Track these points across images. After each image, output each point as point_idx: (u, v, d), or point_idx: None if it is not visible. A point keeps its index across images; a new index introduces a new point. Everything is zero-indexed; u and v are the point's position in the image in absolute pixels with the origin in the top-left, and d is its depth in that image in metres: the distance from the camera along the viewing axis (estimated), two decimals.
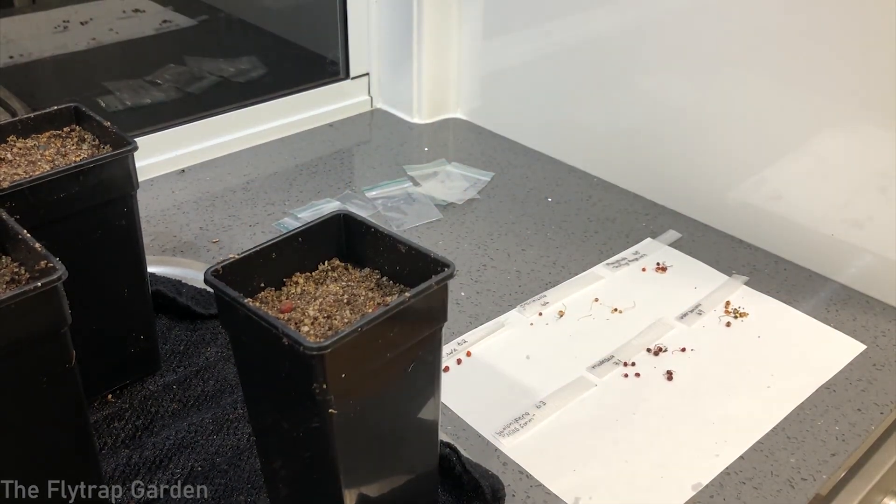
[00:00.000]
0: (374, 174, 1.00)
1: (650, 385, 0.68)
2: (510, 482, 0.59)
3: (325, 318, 0.44)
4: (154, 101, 1.08)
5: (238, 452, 0.60)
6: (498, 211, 0.93)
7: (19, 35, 1.08)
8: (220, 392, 0.65)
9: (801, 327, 0.75)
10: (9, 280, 0.44)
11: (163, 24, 1.20)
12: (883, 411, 0.66)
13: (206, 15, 1.26)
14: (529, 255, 0.85)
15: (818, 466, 0.61)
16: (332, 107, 1.15)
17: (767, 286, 0.81)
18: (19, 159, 0.57)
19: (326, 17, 1.15)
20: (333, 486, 0.45)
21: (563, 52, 1.00)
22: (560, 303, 0.78)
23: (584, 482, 0.59)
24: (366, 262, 0.50)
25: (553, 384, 0.68)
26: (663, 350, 0.72)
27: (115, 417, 0.63)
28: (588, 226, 0.91)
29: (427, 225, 0.90)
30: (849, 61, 0.74)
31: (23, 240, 0.45)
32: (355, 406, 0.43)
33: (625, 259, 0.85)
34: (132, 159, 0.58)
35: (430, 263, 0.46)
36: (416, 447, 0.51)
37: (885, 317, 0.77)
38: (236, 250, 0.58)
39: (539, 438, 0.63)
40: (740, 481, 0.59)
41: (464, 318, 0.75)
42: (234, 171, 1.01)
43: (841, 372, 0.70)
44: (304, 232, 0.49)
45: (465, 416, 0.65)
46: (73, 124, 0.62)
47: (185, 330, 0.72)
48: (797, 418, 0.65)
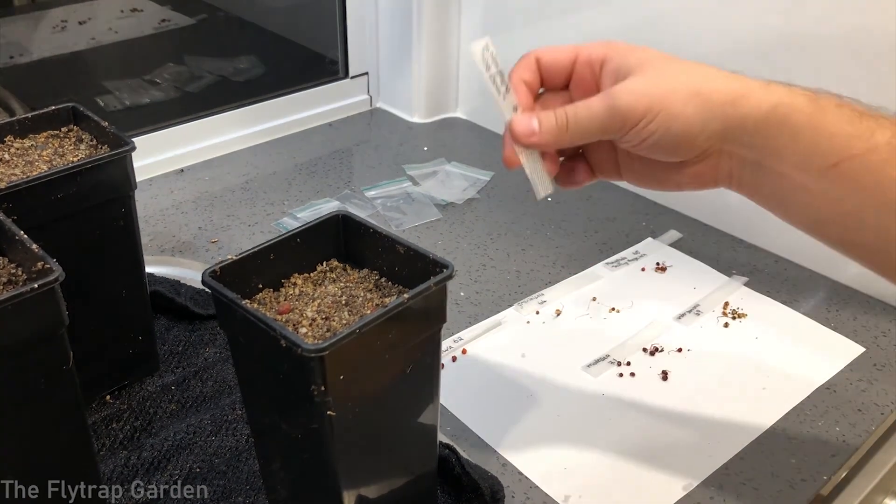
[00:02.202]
0: (373, 174, 1.00)
1: (645, 385, 0.68)
2: (510, 483, 0.59)
3: (323, 320, 0.44)
4: (153, 101, 1.08)
5: (237, 453, 0.60)
6: (497, 211, 0.93)
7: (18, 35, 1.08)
8: (219, 393, 0.65)
9: (800, 328, 0.75)
10: (6, 281, 0.44)
11: (161, 23, 1.20)
12: (884, 412, 0.66)
13: (204, 14, 1.26)
14: (529, 255, 0.85)
15: (818, 467, 0.61)
16: (331, 106, 1.15)
17: (768, 286, 0.80)
18: (16, 159, 0.57)
19: (326, 16, 1.15)
20: (332, 488, 0.45)
21: None
22: (557, 302, 0.78)
23: (575, 481, 0.59)
24: (364, 262, 0.50)
25: (548, 383, 0.68)
26: (659, 350, 0.72)
27: (114, 418, 0.62)
28: (588, 225, 0.91)
29: (426, 225, 0.90)
30: (849, 61, 0.74)
31: (20, 241, 0.45)
32: (354, 408, 0.43)
33: (624, 259, 0.84)
34: (130, 159, 0.58)
35: (430, 264, 0.45)
36: (415, 448, 0.51)
37: (885, 317, 0.77)
38: (235, 250, 0.57)
39: (531, 436, 0.63)
40: (740, 482, 0.59)
41: (463, 319, 0.75)
42: (233, 171, 1.00)
43: (841, 372, 0.70)
44: (302, 233, 0.48)
45: (459, 414, 0.64)
46: (70, 124, 0.62)
47: (183, 330, 0.71)
48: (797, 419, 0.65)
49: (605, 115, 0.45)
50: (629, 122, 0.45)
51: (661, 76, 0.45)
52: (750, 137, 0.45)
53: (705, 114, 0.45)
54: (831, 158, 0.43)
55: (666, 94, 0.44)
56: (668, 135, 0.45)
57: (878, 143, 0.43)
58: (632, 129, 0.45)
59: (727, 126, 0.45)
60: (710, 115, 0.45)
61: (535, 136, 0.47)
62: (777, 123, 0.44)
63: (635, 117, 0.45)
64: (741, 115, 0.44)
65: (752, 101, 0.44)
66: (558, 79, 0.50)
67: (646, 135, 0.45)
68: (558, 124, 0.47)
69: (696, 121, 0.45)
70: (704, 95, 0.45)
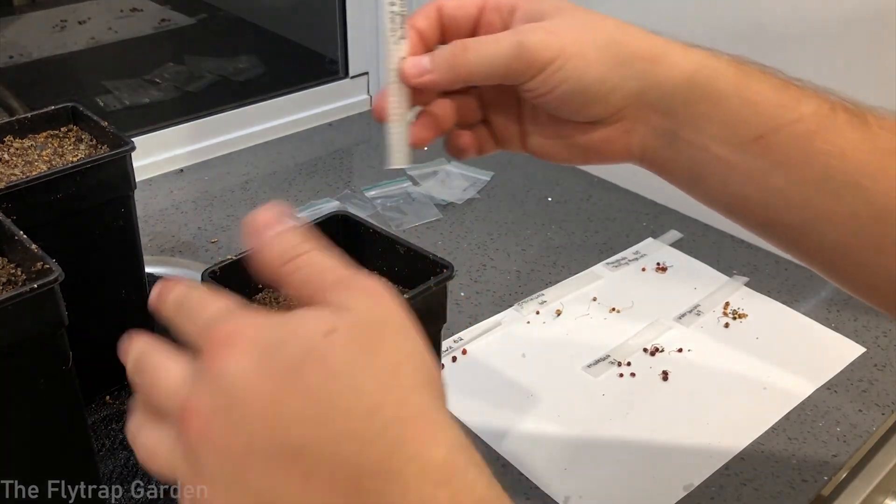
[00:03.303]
0: (373, 173, 1.00)
1: (645, 385, 0.68)
2: (510, 483, 0.59)
3: None
4: (152, 101, 1.08)
5: None
6: (497, 211, 0.93)
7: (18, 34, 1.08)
8: None
9: (801, 329, 0.75)
10: (5, 281, 0.44)
11: (161, 22, 1.20)
12: (884, 412, 0.66)
13: (204, 14, 1.26)
14: (529, 255, 0.85)
15: (819, 468, 0.61)
16: (331, 106, 1.14)
17: (768, 286, 0.80)
18: (16, 159, 0.57)
19: (325, 15, 1.15)
20: None
21: None
22: (558, 302, 0.78)
23: (575, 481, 0.59)
24: (365, 263, 0.50)
25: (548, 383, 0.68)
26: (660, 350, 0.72)
27: (114, 418, 0.62)
28: (588, 225, 0.91)
29: (426, 225, 0.90)
30: (850, 62, 0.74)
31: (19, 241, 0.45)
32: None
33: (625, 259, 0.84)
34: (130, 159, 0.58)
35: (430, 264, 0.45)
36: None
37: (885, 317, 0.77)
38: (235, 250, 0.57)
39: (531, 436, 0.63)
40: (741, 482, 0.59)
41: (463, 319, 0.75)
42: (233, 171, 1.00)
43: (841, 373, 0.70)
44: None
45: (459, 413, 0.64)
46: (70, 124, 0.62)
47: None
48: (798, 419, 0.65)
49: (511, 52, 0.40)
50: (537, 63, 0.40)
51: (577, 21, 0.41)
52: (668, 102, 0.41)
53: (622, 68, 0.41)
54: (756, 129, 0.40)
55: (580, 38, 0.40)
56: (580, 85, 0.40)
57: (805, 114, 0.40)
58: (539, 73, 0.40)
59: (645, 85, 0.41)
60: (628, 70, 0.41)
61: (427, 73, 0.42)
62: (699, 88, 0.41)
63: (544, 59, 0.40)
64: (661, 77, 0.41)
65: (673, 61, 0.41)
66: (463, 29, 0.44)
67: (555, 83, 0.40)
68: (452, 53, 0.41)
69: (612, 74, 0.41)
70: (623, 45, 0.41)
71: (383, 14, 0.42)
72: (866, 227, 0.40)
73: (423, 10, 0.44)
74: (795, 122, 0.40)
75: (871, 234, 0.40)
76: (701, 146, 0.42)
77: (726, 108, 0.41)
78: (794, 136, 0.40)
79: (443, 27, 0.44)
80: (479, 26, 0.44)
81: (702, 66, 0.41)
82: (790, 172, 0.40)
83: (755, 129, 0.40)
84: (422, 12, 0.43)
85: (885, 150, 0.39)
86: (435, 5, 0.43)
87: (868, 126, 0.40)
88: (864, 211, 0.40)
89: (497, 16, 0.43)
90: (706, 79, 0.41)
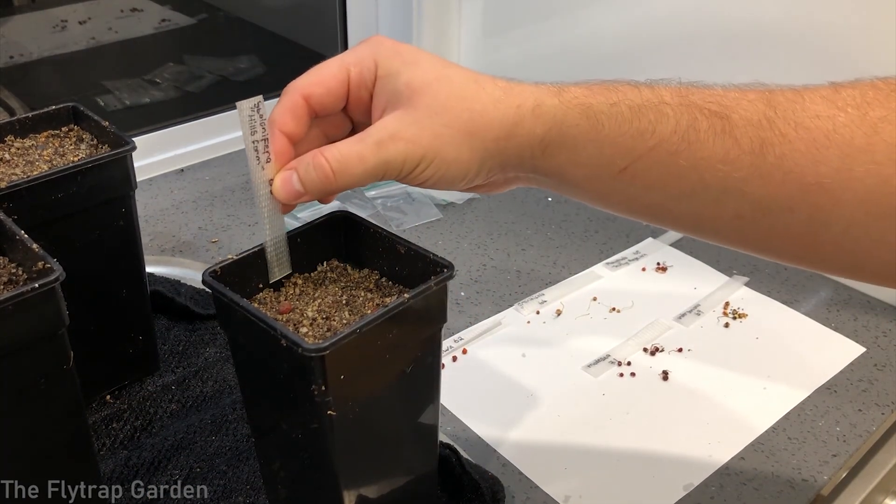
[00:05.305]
0: None
1: (645, 385, 0.68)
2: (510, 483, 0.59)
3: (323, 320, 0.44)
4: (153, 101, 1.08)
5: (237, 453, 0.60)
6: (498, 211, 0.93)
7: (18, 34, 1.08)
8: (219, 393, 0.65)
9: (801, 328, 0.75)
10: (6, 281, 0.44)
11: (161, 22, 1.20)
12: (884, 412, 0.66)
13: (205, 14, 1.26)
14: (529, 255, 0.85)
15: (819, 467, 0.61)
16: None
17: (768, 286, 0.80)
18: (17, 159, 0.57)
19: (326, 15, 1.15)
20: (332, 488, 0.45)
21: (564, 51, 1.00)
22: (558, 301, 0.78)
23: (575, 481, 0.59)
24: (365, 262, 0.50)
25: (548, 383, 0.68)
26: (660, 350, 0.72)
27: (114, 418, 0.62)
28: (588, 225, 0.91)
29: (427, 224, 0.90)
30: (850, 62, 0.74)
31: (20, 240, 0.45)
32: (354, 407, 0.43)
33: (625, 259, 0.84)
34: (130, 159, 0.58)
35: (430, 264, 0.45)
36: (416, 448, 0.51)
37: (885, 317, 0.77)
38: (235, 250, 0.57)
39: (531, 436, 0.63)
40: (741, 482, 0.59)
41: (463, 319, 0.75)
42: (234, 171, 1.00)
43: (841, 372, 0.70)
44: (302, 232, 0.48)
45: (459, 414, 0.64)
46: (71, 124, 0.62)
47: (183, 330, 0.71)
48: (798, 419, 0.65)
49: (378, 171, 0.43)
50: (403, 171, 0.43)
51: (431, 114, 0.43)
52: (531, 163, 0.44)
53: (482, 153, 0.43)
54: (618, 164, 0.42)
55: (438, 138, 0.42)
56: (447, 175, 0.44)
57: (664, 135, 0.41)
58: (406, 176, 0.44)
59: (505, 159, 0.44)
60: (486, 154, 0.43)
61: (302, 195, 0.44)
62: (554, 145, 0.43)
63: (408, 167, 0.43)
64: (517, 146, 0.43)
65: (525, 130, 0.43)
66: (334, 108, 0.46)
67: (422, 179, 0.44)
68: (322, 178, 0.43)
69: (473, 162, 0.43)
70: (479, 135, 0.43)
71: (245, 143, 0.42)
72: (756, 220, 0.41)
73: (288, 105, 0.44)
74: (655, 147, 0.41)
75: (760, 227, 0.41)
76: (574, 183, 0.45)
77: (584, 155, 0.43)
78: (657, 161, 0.42)
79: (314, 113, 0.45)
80: (350, 101, 0.46)
81: (552, 124, 0.43)
82: (665, 190, 0.42)
83: (617, 163, 0.42)
84: (288, 109, 0.44)
85: (749, 151, 0.40)
86: (300, 97, 0.44)
87: (732, 128, 0.40)
88: (747, 210, 0.41)
89: (364, 90, 0.45)
90: (559, 136, 0.43)
